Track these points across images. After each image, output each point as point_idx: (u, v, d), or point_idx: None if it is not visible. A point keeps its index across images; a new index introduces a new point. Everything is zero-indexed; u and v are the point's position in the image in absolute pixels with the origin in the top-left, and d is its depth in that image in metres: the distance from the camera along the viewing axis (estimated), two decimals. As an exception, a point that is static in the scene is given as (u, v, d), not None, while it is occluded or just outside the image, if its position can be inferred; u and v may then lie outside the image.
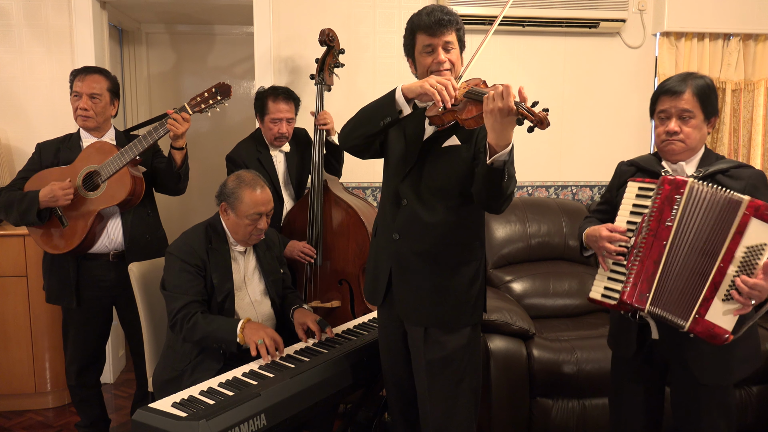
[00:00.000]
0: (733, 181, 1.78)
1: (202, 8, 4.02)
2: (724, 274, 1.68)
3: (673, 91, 1.82)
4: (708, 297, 1.69)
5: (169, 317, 2.09)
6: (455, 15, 1.84)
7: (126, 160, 2.34)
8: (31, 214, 2.35)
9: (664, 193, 1.75)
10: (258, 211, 2.14)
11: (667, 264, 1.74)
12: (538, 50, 3.54)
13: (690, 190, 1.73)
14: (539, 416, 2.61)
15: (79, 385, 2.58)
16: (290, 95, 2.80)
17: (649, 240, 1.76)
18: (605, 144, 3.64)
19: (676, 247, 1.74)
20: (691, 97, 1.80)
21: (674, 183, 1.75)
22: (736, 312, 1.67)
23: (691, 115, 1.80)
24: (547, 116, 1.49)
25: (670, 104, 1.82)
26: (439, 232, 1.85)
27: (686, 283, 1.73)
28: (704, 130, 1.84)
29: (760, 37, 3.55)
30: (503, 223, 3.21)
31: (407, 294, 1.91)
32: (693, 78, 1.83)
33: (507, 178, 1.61)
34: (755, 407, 2.69)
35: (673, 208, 1.73)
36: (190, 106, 2.34)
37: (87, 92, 2.42)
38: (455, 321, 1.88)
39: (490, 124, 1.55)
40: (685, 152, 1.84)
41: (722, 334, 1.67)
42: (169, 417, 1.64)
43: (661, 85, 1.87)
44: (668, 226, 1.74)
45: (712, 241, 1.71)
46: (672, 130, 1.81)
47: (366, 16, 3.40)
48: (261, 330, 2.03)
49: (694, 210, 1.72)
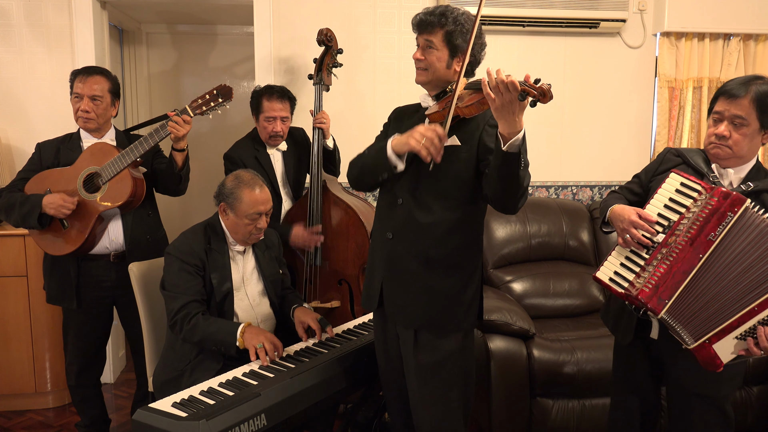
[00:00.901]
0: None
1: (203, 8, 4.02)
2: (752, 318, 1.62)
3: (731, 94, 1.72)
4: (726, 330, 1.63)
5: (168, 317, 2.09)
6: (447, 18, 1.80)
7: (127, 162, 2.34)
8: (32, 219, 2.35)
9: (716, 204, 1.64)
10: (257, 210, 2.13)
11: (696, 278, 1.66)
12: (538, 50, 3.54)
13: (745, 211, 1.62)
14: (539, 416, 2.61)
15: (79, 385, 2.58)
16: (284, 94, 2.81)
17: (685, 247, 1.66)
18: (605, 144, 3.64)
19: (711, 265, 1.65)
20: (749, 104, 1.69)
21: (730, 199, 1.62)
22: (742, 352, 1.64)
23: (744, 122, 1.70)
24: (550, 89, 1.47)
25: (726, 107, 1.73)
26: (433, 233, 1.83)
27: (713, 310, 1.65)
28: (757, 140, 1.73)
29: (761, 37, 3.54)
30: (503, 223, 3.21)
31: (398, 296, 1.89)
32: (757, 83, 1.71)
33: (523, 167, 1.60)
34: (755, 407, 2.69)
35: (721, 225, 1.63)
36: (191, 108, 2.34)
37: (88, 94, 2.41)
38: (445, 325, 1.86)
39: (500, 116, 1.54)
40: (731, 159, 1.75)
41: (719, 364, 1.65)
42: (169, 417, 1.64)
43: (724, 85, 1.78)
44: (710, 241, 1.64)
45: (754, 274, 1.61)
46: (721, 133, 1.72)
47: (366, 16, 3.40)
48: (261, 335, 2.02)
49: (743, 235, 1.63)
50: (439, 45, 1.82)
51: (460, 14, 1.82)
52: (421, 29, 1.85)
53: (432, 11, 1.83)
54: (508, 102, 1.50)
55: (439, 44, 1.82)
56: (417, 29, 1.86)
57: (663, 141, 3.57)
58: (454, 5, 1.89)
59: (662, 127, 3.57)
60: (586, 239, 3.26)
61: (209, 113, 2.36)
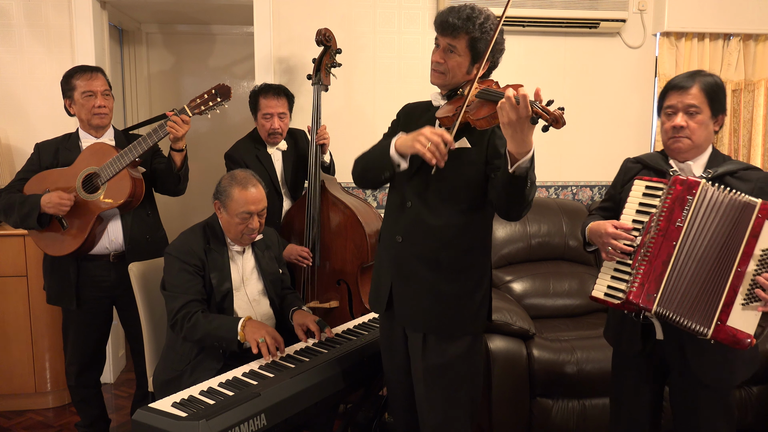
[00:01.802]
0: (742, 183, 1.77)
1: (203, 8, 4.02)
2: (742, 278, 1.67)
3: (680, 87, 1.82)
4: (728, 302, 1.67)
5: (169, 317, 2.09)
6: (473, 24, 1.72)
7: (126, 162, 2.34)
8: (32, 219, 2.35)
9: (676, 193, 1.73)
10: (247, 209, 2.12)
11: (677, 265, 1.73)
12: (538, 50, 3.54)
13: (702, 191, 1.71)
14: (539, 416, 2.61)
15: (79, 385, 2.58)
16: (281, 90, 2.81)
17: (658, 240, 1.74)
18: (605, 144, 3.64)
19: (687, 249, 1.72)
20: (699, 93, 1.79)
21: (686, 184, 1.73)
22: (761, 309, 1.66)
23: (697, 110, 1.79)
24: (562, 115, 1.45)
25: (677, 99, 1.82)
26: (442, 237, 1.81)
27: (702, 288, 1.71)
28: (711, 128, 1.82)
29: (760, 37, 3.54)
30: (503, 223, 3.21)
31: (407, 299, 1.88)
32: (701, 75, 1.82)
33: (529, 185, 1.59)
34: (755, 407, 2.69)
35: (684, 209, 1.72)
36: (189, 108, 2.34)
37: (99, 90, 2.43)
38: (454, 329, 1.85)
39: (509, 135, 1.51)
40: (691, 150, 1.83)
41: (745, 338, 1.66)
42: (169, 417, 1.64)
43: (670, 81, 1.87)
44: (678, 227, 1.72)
45: (728, 246, 1.69)
46: (678, 124, 1.80)
47: (366, 16, 3.40)
48: (262, 329, 2.02)
49: (705, 212, 1.71)
50: (462, 51, 1.76)
51: (486, 19, 1.75)
52: (444, 31, 1.76)
53: (458, 13, 1.74)
54: (517, 122, 1.47)
55: (462, 50, 1.76)
56: (440, 30, 1.78)
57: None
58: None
59: (662, 127, 3.57)
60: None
61: (208, 113, 2.35)
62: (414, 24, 3.43)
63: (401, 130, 1.85)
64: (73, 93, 2.44)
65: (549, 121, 1.46)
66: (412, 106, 2.01)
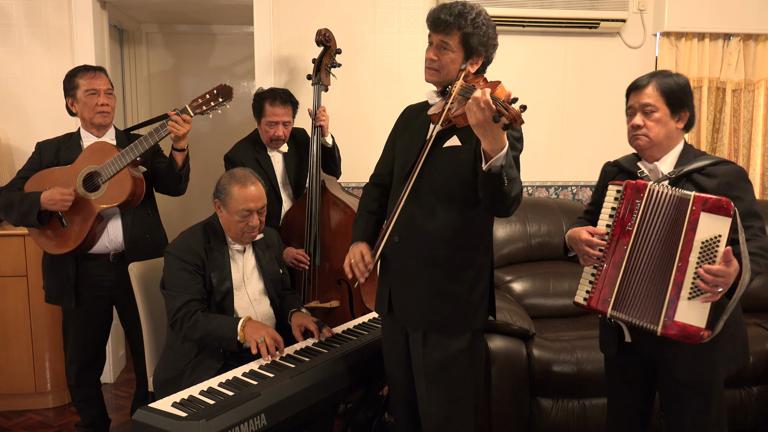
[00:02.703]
0: (709, 179, 1.77)
1: (203, 8, 4.02)
2: (685, 272, 1.68)
3: (636, 86, 1.85)
4: (673, 298, 1.69)
5: (168, 316, 2.09)
6: (465, 19, 1.75)
7: (126, 161, 2.34)
8: (32, 216, 2.35)
9: (627, 197, 1.77)
10: (247, 207, 2.12)
11: (629, 268, 1.75)
12: (538, 50, 3.54)
13: (649, 193, 1.74)
14: (539, 416, 2.61)
15: (79, 384, 2.58)
16: (288, 98, 2.80)
17: (611, 245, 1.78)
18: (605, 144, 3.64)
19: (637, 251, 1.74)
20: (653, 92, 1.81)
21: (635, 187, 1.76)
22: (704, 300, 1.66)
23: (653, 109, 1.81)
24: (521, 114, 1.47)
25: (635, 99, 1.85)
26: (438, 235, 1.83)
27: (649, 287, 1.73)
28: (671, 125, 1.82)
29: (760, 37, 3.54)
30: (503, 223, 3.21)
31: (407, 298, 1.89)
32: (659, 75, 1.84)
33: (507, 182, 1.60)
34: (755, 407, 2.69)
35: (634, 213, 1.75)
36: (191, 108, 2.34)
37: (103, 88, 2.44)
38: (454, 326, 1.86)
39: (480, 134, 1.54)
40: (653, 148, 1.84)
41: (696, 332, 1.66)
42: (169, 417, 1.64)
43: (632, 83, 1.90)
44: (629, 231, 1.76)
45: (669, 242, 1.71)
46: (635, 123, 1.83)
47: (366, 16, 3.40)
48: (262, 329, 2.02)
49: (653, 213, 1.73)
50: (455, 47, 1.79)
51: (478, 15, 1.77)
52: (437, 28, 1.79)
53: (450, 10, 1.76)
54: (482, 121, 1.50)
55: (456, 46, 1.78)
56: (432, 27, 1.80)
57: (663, 141, 3.57)
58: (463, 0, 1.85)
59: (662, 127, 3.57)
60: (586, 239, 3.26)
61: (209, 113, 2.36)
62: (414, 24, 3.43)
63: (401, 133, 1.87)
64: (76, 91, 2.45)
65: (508, 118, 1.47)
66: (412, 108, 2.04)
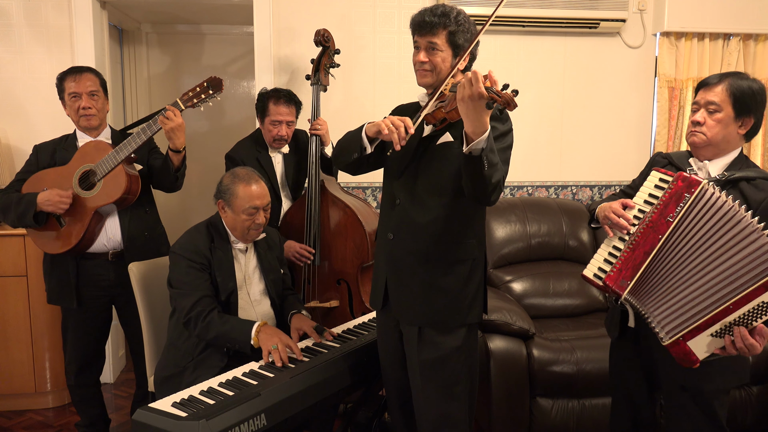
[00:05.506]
0: (757, 192, 1.73)
1: (202, 8, 4.02)
2: (728, 316, 1.62)
3: (706, 83, 1.83)
4: (701, 328, 1.64)
5: (181, 315, 2.08)
6: (449, 18, 1.79)
7: (120, 158, 2.34)
8: (28, 217, 2.36)
9: (675, 188, 1.71)
10: (253, 204, 2.13)
11: (657, 258, 1.71)
12: (538, 50, 3.54)
13: (701, 191, 1.67)
14: (539, 416, 2.61)
15: (79, 384, 2.58)
16: (292, 98, 2.80)
17: (646, 231, 1.73)
18: (605, 144, 3.65)
19: (671, 246, 1.70)
20: (722, 91, 1.77)
21: (688, 181, 1.69)
22: (717, 351, 1.64)
23: (716, 108, 1.78)
24: (514, 98, 1.49)
25: (702, 96, 1.82)
26: (431, 231, 1.85)
27: (676, 289, 1.67)
28: (731, 128, 1.78)
29: (760, 37, 3.55)
30: (503, 223, 3.21)
31: (401, 294, 1.91)
32: (734, 76, 1.80)
33: (488, 167, 1.60)
34: (755, 407, 2.69)
35: (679, 206, 1.69)
36: (182, 102, 2.34)
37: (85, 91, 2.43)
38: (448, 321, 1.87)
39: (464, 112, 1.56)
40: (707, 147, 1.81)
41: (694, 360, 1.65)
42: (169, 417, 1.64)
43: (703, 79, 1.88)
44: (668, 221, 1.70)
45: (726, 269, 1.62)
46: (695, 119, 1.81)
47: (366, 16, 3.40)
48: (275, 336, 2.03)
49: (699, 213, 1.66)
50: (443, 46, 1.81)
51: (459, 13, 1.82)
52: (422, 31, 1.82)
53: (432, 11, 1.81)
54: (470, 97, 1.52)
55: (443, 45, 1.81)
56: (417, 31, 1.84)
57: (663, 141, 3.57)
58: (450, 4, 1.89)
59: (662, 127, 3.57)
60: (585, 239, 3.26)
61: (200, 105, 2.35)
62: (414, 24, 3.43)
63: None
64: (64, 95, 2.47)
65: (502, 103, 1.49)
66: (403, 107, 2.06)
